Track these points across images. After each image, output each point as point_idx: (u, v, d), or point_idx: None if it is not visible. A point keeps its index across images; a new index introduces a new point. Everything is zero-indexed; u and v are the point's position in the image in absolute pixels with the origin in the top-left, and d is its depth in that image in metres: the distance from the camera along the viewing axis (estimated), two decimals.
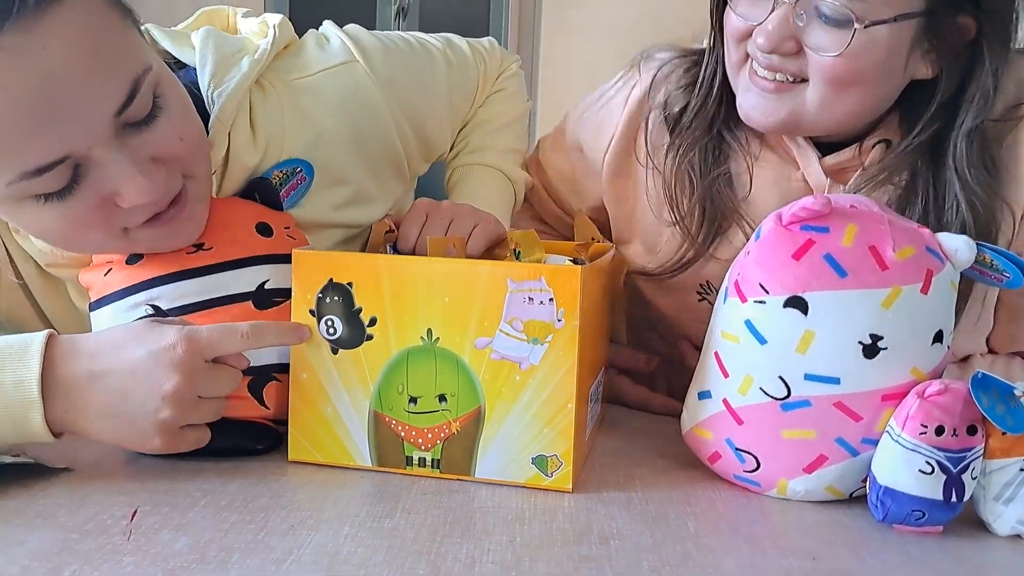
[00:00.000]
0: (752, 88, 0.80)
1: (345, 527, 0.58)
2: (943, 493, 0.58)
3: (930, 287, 0.60)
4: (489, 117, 1.04)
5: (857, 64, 0.75)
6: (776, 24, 0.75)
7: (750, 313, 0.63)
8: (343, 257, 0.69)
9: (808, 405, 0.62)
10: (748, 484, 0.67)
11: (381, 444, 0.67)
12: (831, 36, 0.74)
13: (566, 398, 0.65)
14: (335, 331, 0.67)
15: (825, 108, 0.77)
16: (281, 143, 0.79)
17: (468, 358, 0.66)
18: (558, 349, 0.65)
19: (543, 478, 0.65)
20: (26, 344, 0.62)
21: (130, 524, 0.57)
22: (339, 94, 0.84)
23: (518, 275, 0.65)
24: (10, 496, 0.60)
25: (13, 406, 0.61)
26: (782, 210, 0.63)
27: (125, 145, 0.63)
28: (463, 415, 0.66)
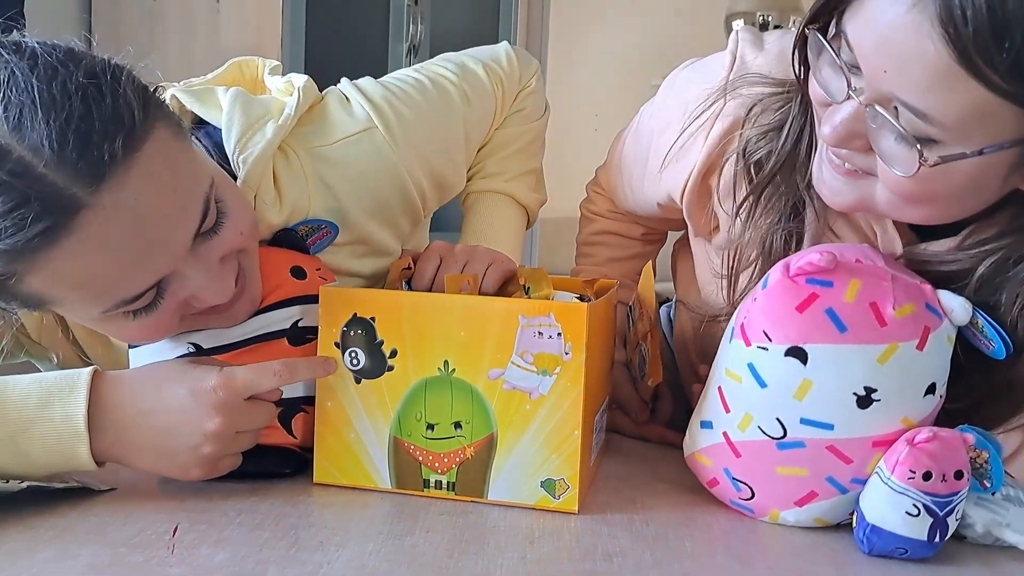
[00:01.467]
0: (825, 163, 0.71)
1: (370, 544, 0.63)
2: (927, 534, 0.63)
3: (926, 344, 0.63)
4: (506, 140, 1.05)
5: (931, 187, 0.63)
6: (845, 119, 0.65)
7: (753, 357, 0.66)
8: (367, 293, 0.74)
9: (802, 446, 0.66)
10: (743, 510, 0.71)
11: (400, 468, 0.72)
12: (902, 153, 0.62)
13: (572, 426, 0.69)
14: (358, 362, 0.72)
15: (897, 212, 0.68)
16: (306, 209, 0.82)
17: (482, 388, 0.70)
18: (565, 380, 0.69)
19: (551, 500, 0.70)
20: (73, 381, 0.66)
21: (172, 539, 0.62)
22: (359, 163, 0.85)
23: (529, 311, 0.69)
24: (60, 515, 0.65)
25: (62, 440, 0.65)
26: (790, 260, 0.66)
27: (198, 256, 0.67)
28: (477, 441, 0.71)
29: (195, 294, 0.68)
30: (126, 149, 0.59)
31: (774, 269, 0.67)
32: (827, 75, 0.67)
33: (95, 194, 0.58)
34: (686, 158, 0.84)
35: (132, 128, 0.60)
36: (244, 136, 0.78)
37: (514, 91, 1.05)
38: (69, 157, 0.57)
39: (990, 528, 0.66)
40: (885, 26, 0.59)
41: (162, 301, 0.67)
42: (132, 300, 0.64)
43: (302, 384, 0.75)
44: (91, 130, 0.58)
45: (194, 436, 0.67)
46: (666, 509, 0.72)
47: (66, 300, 0.64)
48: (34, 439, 0.65)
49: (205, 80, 0.88)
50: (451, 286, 0.78)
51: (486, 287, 0.80)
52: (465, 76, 0.98)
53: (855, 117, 0.64)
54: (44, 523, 0.63)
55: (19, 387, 0.66)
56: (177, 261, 0.65)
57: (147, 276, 0.64)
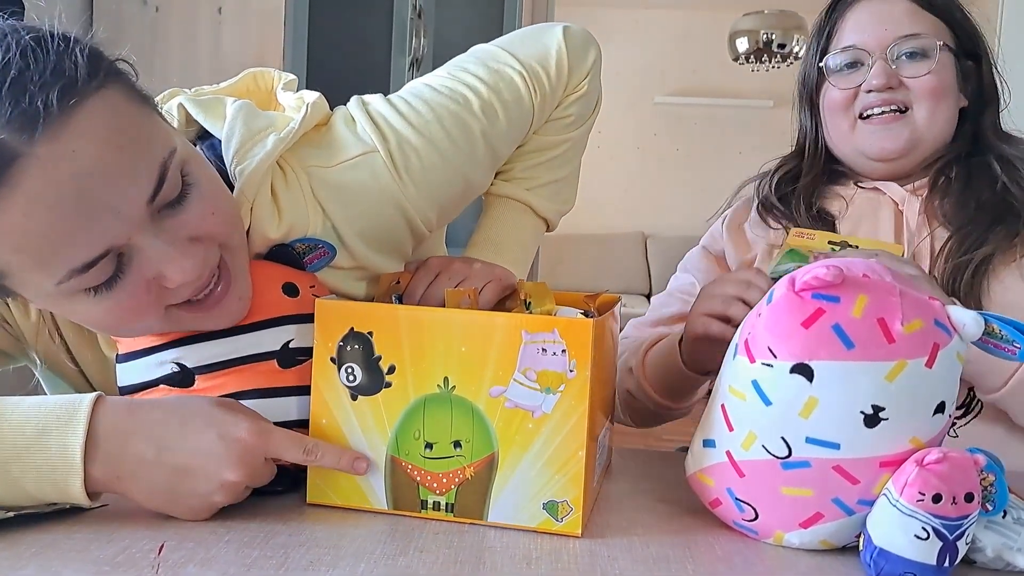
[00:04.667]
0: (875, 130, 1.08)
1: (361, 564, 0.61)
2: (937, 558, 0.61)
3: (935, 361, 0.61)
4: (541, 147, 1.00)
5: (942, 78, 1.06)
6: (880, 70, 1.06)
7: (757, 374, 0.65)
8: (364, 307, 0.71)
9: (808, 466, 0.64)
10: (746, 531, 0.69)
11: (397, 488, 0.70)
12: (920, 64, 1.06)
13: (577, 446, 0.67)
14: (355, 378, 0.70)
15: (931, 121, 1.06)
16: (304, 228, 0.79)
17: (483, 406, 0.68)
18: (570, 398, 0.67)
19: (553, 523, 0.68)
20: (74, 409, 0.64)
21: (157, 558, 0.60)
22: (358, 187, 0.82)
23: (533, 327, 0.67)
24: (44, 531, 0.63)
25: (56, 470, 0.63)
26: (795, 274, 0.64)
27: (162, 229, 0.64)
28: (477, 461, 0.69)
29: (161, 272, 0.64)
30: (62, 102, 0.57)
31: (779, 284, 0.66)
32: (844, 76, 1.10)
33: (30, 144, 0.56)
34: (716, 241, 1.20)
35: (73, 83, 0.58)
36: (243, 147, 0.76)
37: (559, 95, 0.97)
38: (3, 108, 0.56)
39: (1001, 552, 0.64)
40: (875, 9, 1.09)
41: (123, 277, 0.64)
42: (83, 269, 0.61)
43: (295, 407, 0.73)
44: (27, 83, 0.57)
45: (211, 483, 0.65)
46: (667, 530, 0.70)
47: (13, 268, 0.61)
48: (28, 468, 0.63)
49: (217, 89, 0.86)
50: (451, 300, 0.76)
51: (483, 302, 0.79)
52: (496, 85, 0.90)
53: (884, 67, 1.06)
54: (27, 539, 0.61)
55: (19, 411, 0.64)
56: (131, 229, 0.62)
57: (94, 240, 0.61)
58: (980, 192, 1.04)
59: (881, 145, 1.07)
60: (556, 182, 1.01)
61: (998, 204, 1.03)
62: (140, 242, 0.63)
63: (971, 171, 1.07)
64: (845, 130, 1.10)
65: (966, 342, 0.64)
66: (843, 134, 1.11)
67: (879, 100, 1.06)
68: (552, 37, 0.94)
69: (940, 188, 1.07)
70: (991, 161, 1.07)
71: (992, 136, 1.10)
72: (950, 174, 1.08)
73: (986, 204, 1.03)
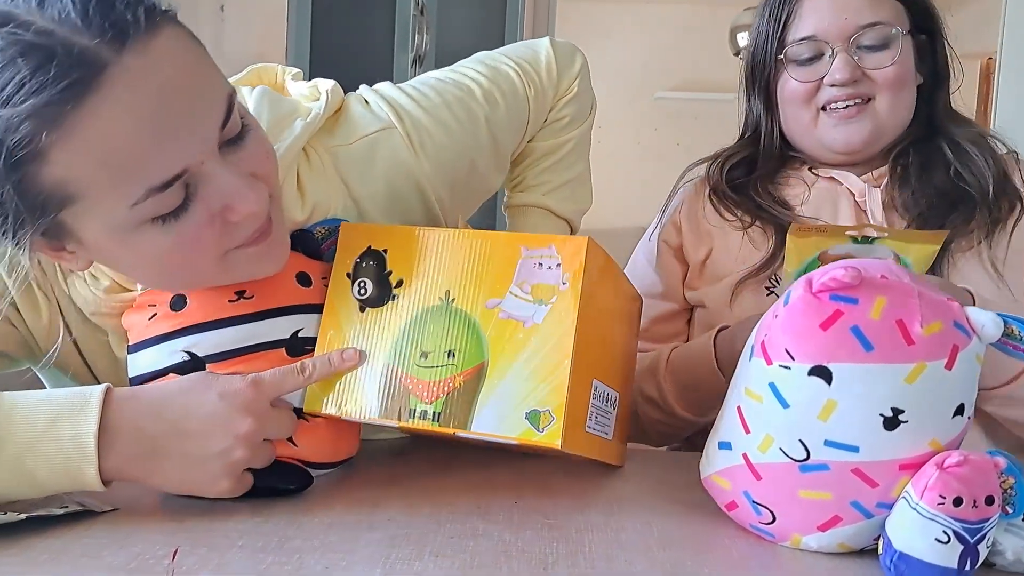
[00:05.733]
0: (838, 123, 1.07)
1: (376, 570, 0.60)
2: (958, 562, 0.60)
3: (955, 363, 0.61)
4: (545, 151, 1.03)
5: (904, 66, 1.05)
6: (843, 63, 1.04)
7: (774, 376, 0.64)
8: (384, 228, 0.76)
9: (826, 469, 0.63)
10: (763, 534, 0.69)
11: (390, 396, 0.72)
12: (882, 55, 1.05)
13: (562, 355, 0.69)
14: (366, 292, 0.74)
15: (893, 111, 1.06)
16: (327, 208, 0.82)
17: (479, 317, 0.71)
18: (560, 310, 0.69)
19: (534, 433, 0.68)
20: (85, 399, 0.64)
21: (171, 563, 0.59)
22: (376, 162, 0.86)
23: (532, 243, 0.71)
24: (56, 536, 0.62)
25: (70, 460, 0.63)
26: (812, 276, 0.64)
27: (228, 161, 0.66)
28: (467, 370, 0.70)
29: (228, 203, 0.66)
30: (149, 20, 0.60)
31: (796, 285, 0.65)
32: (803, 67, 1.07)
33: (119, 53, 0.58)
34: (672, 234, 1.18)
35: (153, 7, 0.62)
36: (271, 133, 0.77)
37: (551, 96, 1.01)
38: (93, 20, 0.58)
39: (1020, 555, 0.64)
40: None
41: (191, 206, 0.65)
42: (160, 188, 0.62)
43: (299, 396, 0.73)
44: (114, 2, 0.59)
45: (225, 439, 0.65)
46: (683, 533, 0.70)
47: (92, 188, 0.61)
48: (40, 459, 0.63)
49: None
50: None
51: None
52: (495, 78, 0.96)
53: (847, 59, 1.04)
54: (39, 545, 0.61)
55: (28, 403, 0.64)
56: (205, 152, 0.64)
57: (173, 158, 0.62)
58: (935, 180, 1.05)
59: (847, 140, 1.06)
60: (569, 183, 1.04)
61: (952, 191, 1.04)
62: (210, 169, 0.65)
63: (926, 157, 1.07)
64: (806, 122, 1.09)
65: (984, 344, 0.63)
66: (804, 126, 1.09)
67: (843, 94, 1.05)
68: (540, 45, 1.02)
69: (898, 177, 1.08)
70: (943, 145, 1.07)
71: (944, 117, 1.11)
72: (906, 162, 1.08)
73: (941, 191, 1.04)
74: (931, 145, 1.09)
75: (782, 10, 1.09)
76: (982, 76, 3.88)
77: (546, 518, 0.71)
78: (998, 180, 1.04)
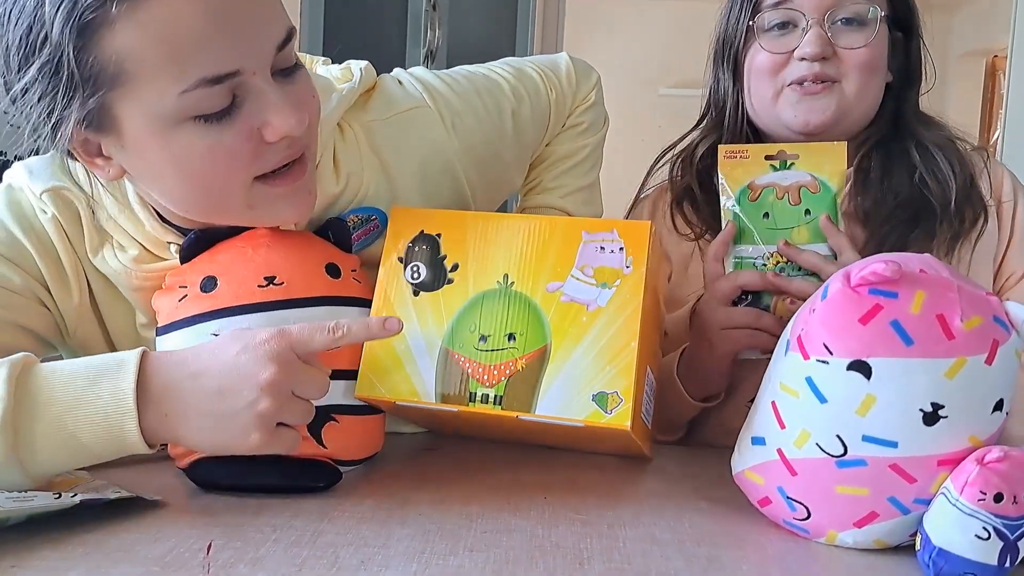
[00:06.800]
0: (802, 100, 1.01)
1: (413, 564, 0.60)
2: (998, 558, 0.60)
3: (995, 358, 0.60)
4: (563, 155, 1.05)
5: (877, 51, 1.01)
6: (814, 37, 0.99)
7: (812, 371, 0.63)
8: (436, 212, 0.76)
9: (864, 464, 0.63)
10: (797, 531, 0.69)
11: (447, 380, 0.71)
12: (857, 34, 1.00)
13: (629, 336, 0.69)
14: (419, 275, 0.73)
15: (860, 96, 1.01)
16: (360, 180, 0.84)
17: (539, 300, 0.70)
18: (625, 292, 0.69)
19: (602, 415, 0.68)
20: (121, 359, 0.65)
21: (207, 557, 0.59)
22: (411, 138, 0.87)
23: (593, 228, 0.71)
24: (89, 531, 0.62)
25: (111, 417, 0.63)
26: (850, 270, 0.63)
27: (278, 83, 0.69)
28: (529, 353, 0.70)
29: (268, 119, 0.68)
30: None
31: (833, 278, 0.64)
32: (775, 38, 1.02)
33: None
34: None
35: None
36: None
37: (569, 101, 1.04)
38: None
39: None
40: None
41: (234, 114, 0.67)
42: (212, 81, 0.64)
43: (339, 391, 0.72)
44: None
45: (250, 391, 0.64)
46: (716, 530, 0.69)
47: (147, 65, 0.63)
48: (81, 419, 0.63)
49: None
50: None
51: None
52: (520, 77, 0.99)
53: (819, 34, 0.99)
54: (73, 540, 0.60)
55: (67, 368, 0.65)
56: (259, 64, 0.67)
57: (231, 54, 0.65)
58: (898, 186, 1.01)
59: (805, 118, 1.01)
60: (585, 189, 1.06)
61: (916, 199, 1.00)
62: (259, 84, 0.67)
63: (890, 161, 1.03)
64: (768, 97, 1.03)
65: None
66: (765, 101, 1.04)
67: (810, 73, 0.99)
68: (560, 57, 1.06)
69: (860, 182, 1.03)
70: (910, 147, 1.03)
71: (913, 118, 1.06)
72: (870, 165, 1.04)
73: (904, 200, 1.00)
74: (898, 147, 1.04)
75: None
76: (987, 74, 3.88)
77: (577, 514, 0.71)
78: (963, 188, 1.00)
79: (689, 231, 1.08)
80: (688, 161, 1.12)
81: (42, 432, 0.63)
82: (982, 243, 1.00)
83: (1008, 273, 1.02)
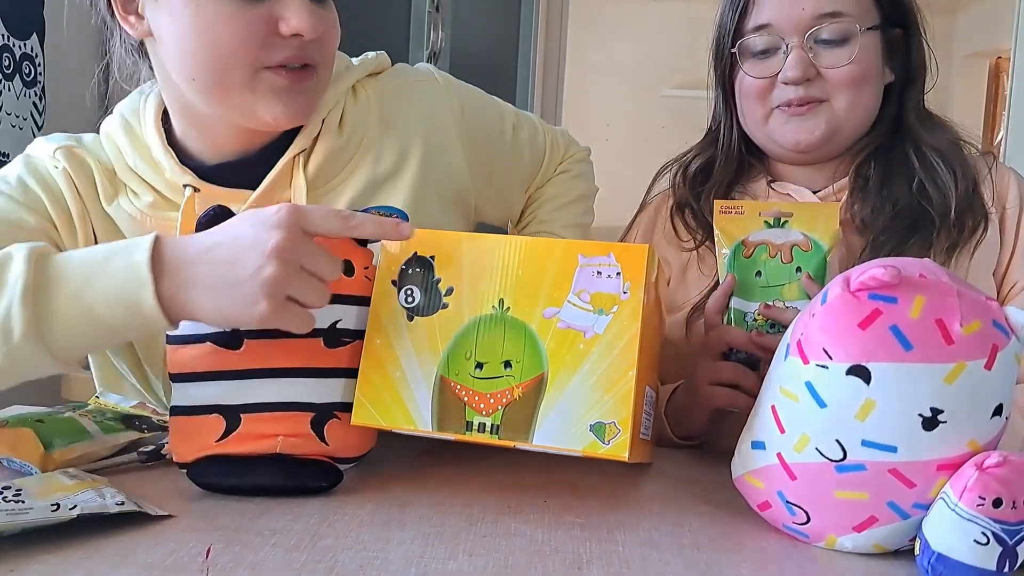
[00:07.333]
0: (790, 120, 1.02)
1: (412, 568, 0.60)
2: (996, 563, 0.59)
3: (994, 363, 0.60)
4: (556, 194, 1.12)
5: (864, 64, 1.00)
6: (797, 60, 0.99)
7: (811, 376, 0.63)
8: (429, 233, 0.74)
9: (863, 469, 0.63)
10: (796, 535, 0.68)
11: (444, 408, 0.70)
12: (840, 52, 0.99)
13: (627, 365, 0.67)
14: (413, 300, 0.71)
15: (851, 111, 1.00)
16: (362, 136, 0.93)
17: (536, 327, 0.69)
18: (622, 319, 0.68)
19: (600, 446, 0.67)
20: (135, 241, 0.68)
21: (206, 561, 0.59)
22: (418, 105, 0.97)
23: (589, 251, 0.70)
24: (90, 534, 0.62)
25: (125, 288, 0.65)
26: (850, 274, 0.63)
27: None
28: (526, 381, 0.69)
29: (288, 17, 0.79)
30: None
31: (833, 283, 0.64)
32: (758, 63, 1.02)
33: None
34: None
35: None
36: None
37: (561, 150, 1.14)
38: None
39: None
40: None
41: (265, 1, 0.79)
42: None
43: (341, 389, 0.72)
44: None
45: (256, 256, 0.65)
46: (715, 534, 0.69)
47: None
48: (97, 290, 0.66)
49: None
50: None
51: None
52: (521, 115, 1.10)
53: (801, 56, 0.99)
54: (72, 544, 0.60)
55: (81, 253, 0.69)
56: None
57: None
58: (897, 195, 1.00)
59: (796, 138, 1.01)
60: (579, 226, 1.12)
61: (914, 209, 0.99)
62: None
63: (889, 168, 1.02)
64: (759, 118, 1.05)
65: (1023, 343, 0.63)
66: (756, 121, 1.05)
67: (796, 96, 1.00)
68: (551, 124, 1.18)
69: (859, 190, 1.02)
70: (910, 153, 1.02)
71: (914, 119, 1.04)
72: (868, 173, 1.03)
73: (903, 209, 0.99)
74: (897, 153, 1.03)
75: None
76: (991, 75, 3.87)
77: (577, 517, 0.71)
78: (964, 196, 0.99)
79: (689, 238, 1.09)
80: (683, 176, 1.13)
81: (62, 305, 0.66)
82: (981, 252, 0.99)
83: (1012, 282, 1.01)
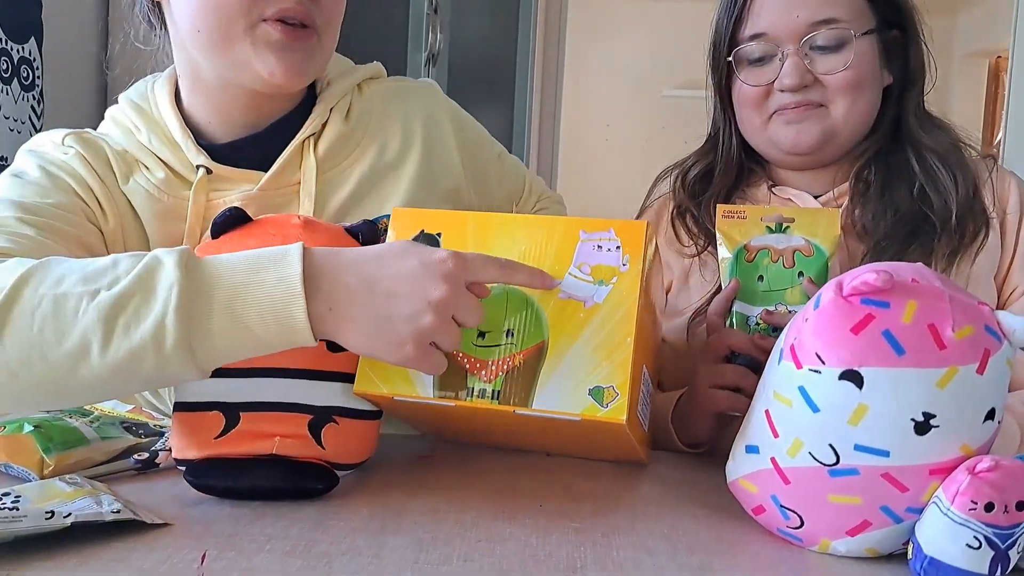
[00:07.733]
0: (789, 124, 1.02)
1: (406, 573, 0.60)
2: (989, 567, 0.60)
3: (986, 367, 0.60)
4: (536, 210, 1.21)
5: (859, 71, 1.00)
6: (793, 67, 0.99)
7: (804, 380, 0.64)
8: (435, 212, 0.78)
9: (856, 473, 0.63)
10: (790, 539, 0.69)
11: (445, 375, 0.72)
12: (835, 58, 0.99)
13: (625, 332, 0.70)
14: None
15: (849, 115, 1.00)
16: (367, 124, 0.98)
17: (537, 297, 0.72)
18: (621, 289, 0.71)
19: (598, 409, 0.69)
20: (284, 250, 0.66)
21: (201, 567, 0.59)
22: (418, 103, 1.02)
23: (590, 227, 0.73)
24: (85, 540, 0.62)
25: (277, 303, 0.64)
26: (843, 279, 0.63)
27: None
28: (527, 348, 0.71)
29: None
30: None
31: (826, 288, 0.65)
32: (754, 71, 1.03)
33: None
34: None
35: None
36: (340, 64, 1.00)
37: (538, 189, 1.22)
38: None
39: None
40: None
41: None
42: None
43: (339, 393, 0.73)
44: None
45: (418, 302, 0.65)
46: (710, 537, 0.69)
47: None
48: (248, 303, 0.64)
49: None
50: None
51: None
52: (506, 152, 1.17)
53: (797, 63, 0.99)
54: (68, 550, 0.60)
55: (228, 258, 0.66)
56: None
57: None
58: (898, 200, 1.00)
59: (795, 140, 1.02)
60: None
61: (915, 214, 0.99)
62: None
63: (890, 172, 1.02)
64: (757, 124, 1.05)
65: (1015, 347, 0.63)
66: (755, 127, 1.06)
67: (793, 101, 1.00)
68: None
69: (859, 195, 1.02)
70: (910, 157, 1.02)
71: (914, 122, 1.04)
72: (869, 177, 1.03)
73: (904, 215, 0.99)
74: (897, 157, 1.03)
75: (735, 5, 1.04)
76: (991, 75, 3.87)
77: (571, 522, 0.71)
78: (965, 201, 0.98)
79: (691, 243, 1.09)
80: (682, 181, 1.13)
81: (215, 317, 0.64)
82: (983, 257, 0.98)
83: (1013, 287, 1.00)
